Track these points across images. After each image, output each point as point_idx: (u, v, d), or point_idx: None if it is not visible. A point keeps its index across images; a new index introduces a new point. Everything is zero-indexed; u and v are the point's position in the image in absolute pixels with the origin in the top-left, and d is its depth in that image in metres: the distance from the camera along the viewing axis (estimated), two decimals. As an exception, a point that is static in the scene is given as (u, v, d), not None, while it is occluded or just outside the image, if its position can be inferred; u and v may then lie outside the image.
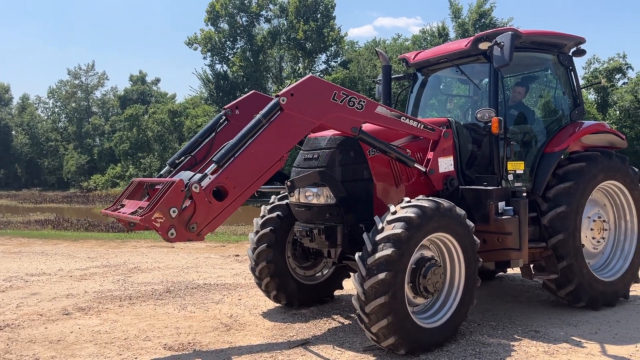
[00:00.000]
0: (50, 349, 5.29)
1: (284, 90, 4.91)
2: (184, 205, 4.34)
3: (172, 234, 4.30)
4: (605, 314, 6.17)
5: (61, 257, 11.26)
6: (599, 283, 6.25)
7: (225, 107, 5.83)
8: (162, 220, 4.25)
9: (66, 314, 6.57)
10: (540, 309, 6.42)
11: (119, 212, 4.85)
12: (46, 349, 5.31)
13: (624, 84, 36.89)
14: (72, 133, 66.28)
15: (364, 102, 5.25)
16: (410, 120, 5.64)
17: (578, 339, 5.31)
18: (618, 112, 34.41)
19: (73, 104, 68.17)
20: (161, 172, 5.52)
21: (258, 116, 4.78)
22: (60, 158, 64.37)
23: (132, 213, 4.55)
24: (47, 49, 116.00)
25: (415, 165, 5.62)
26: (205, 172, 4.58)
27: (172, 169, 5.47)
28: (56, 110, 71.81)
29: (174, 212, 4.27)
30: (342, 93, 5.13)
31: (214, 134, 5.64)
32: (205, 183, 4.46)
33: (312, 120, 5.03)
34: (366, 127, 5.47)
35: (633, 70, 37.83)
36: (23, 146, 67.07)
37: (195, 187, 4.37)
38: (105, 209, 5.17)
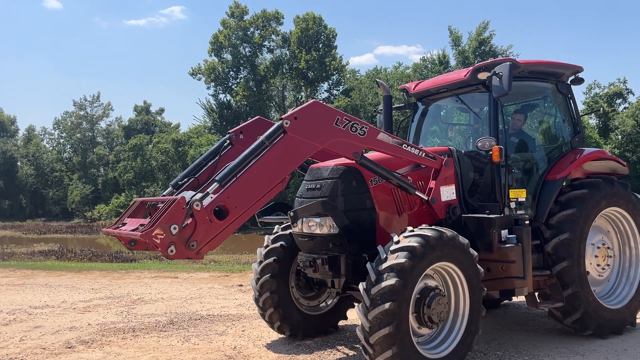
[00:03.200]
0: (53, 384, 5.25)
1: (288, 113, 4.97)
2: (185, 223, 4.33)
3: (171, 251, 4.28)
4: (613, 342, 6.10)
5: (65, 288, 11.23)
6: (605, 311, 6.20)
7: (230, 131, 5.91)
8: (162, 237, 4.23)
9: (69, 347, 6.53)
10: (546, 338, 6.35)
11: (120, 229, 4.85)
12: (49, 383, 5.27)
13: (624, 108, 37.10)
14: (77, 163, 66.70)
15: (366, 128, 5.31)
16: (412, 148, 5.69)
17: (586, 369, 5.25)
18: (620, 137, 34.51)
19: (78, 135, 68.80)
20: (164, 193, 5.56)
21: (261, 138, 4.83)
22: (64, 188, 64.64)
23: (133, 230, 4.55)
24: (53, 80, 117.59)
25: (416, 192, 5.65)
26: (207, 190, 4.60)
27: (175, 190, 5.51)
28: (61, 141, 72.50)
29: (174, 229, 4.26)
30: (345, 119, 5.19)
31: (217, 157, 5.69)
32: (206, 202, 4.47)
33: (315, 144, 5.07)
34: (369, 155, 5.52)
35: (634, 95, 38.15)
36: (28, 177, 67.43)
37: (197, 205, 4.37)
38: (107, 228, 5.17)
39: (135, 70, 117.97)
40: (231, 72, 44.72)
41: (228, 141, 5.87)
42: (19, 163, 70.21)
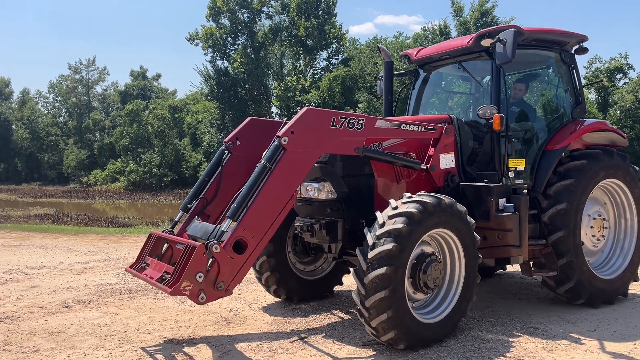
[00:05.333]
0: (51, 341, 5.30)
1: (284, 130, 4.85)
2: (208, 268, 4.43)
3: (202, 298, 4.41)
4: (604, 311, 6.19)
5: (61, 250, 11.27)
6: (598, 281, 6.26)
7: (226, 140, 5.81)
8: (190, 287, 4.36)
9: (66, 307, 6.58)
10: (539, 306, 6.43)
11: (146, 274, 4.96)
12: (46, 340, 5.32)
13: (624, 84, 36.86)
14: (73, 128, 66.23)
15: (362, 120, 5.25)
16: (411, 126, 5.65)
17: (577, 336, 5.33)
18: (619, 112, 34.37)
19: (73, 99, 68.10)
20: (175, 219, 5.57)
21: (263, 162, 4.77)
22: (60, 153, 64.33)
23: (160, 280, 4.65)
24: (48, 42, 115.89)
25: (421, 166, 5.67)
26: (222, 228, 4.64)
27: (185, 213, 5.54)
28: (56, 104, 71.77)
29: (200, 277, 4.36)
30: (341, 117, 5.12)
31: (220, 168, 5.66)
32: (224, 240, 4.52)
33: (316, 152, 5.04)
34: None
35: (634, 70, 37.81)
36: (23, 140, 67.00)
37: (216, 248, 4.43)
38: (130, 267, 5.28)
39: (132, 34, 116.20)
40: (229, 38, 44.02)
41: (226, 151, 5.80)
42: (13, 126, 69.63)
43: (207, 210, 5.54)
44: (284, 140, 4.79)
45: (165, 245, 5.23)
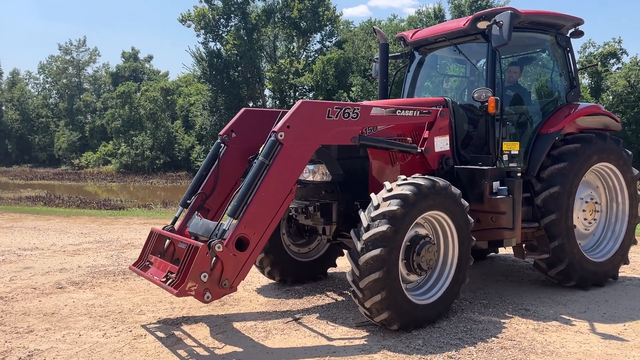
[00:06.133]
0: (45, 321, 5.31)
1: (279, 124, 4.82)
2: (212, 267, 4.45)
3: (207, 297, 4.44)
4: (594, 293, 6.27)
5: (54, 232, 11.24)
6: (589, 263, 6.33)
7: (221, 133, 5.76)
8: (195, 287, 4.39)
9: (60, 288, 6.58)
10: (530, 288, 6.50)
11: (151, 274, 4.97)
12: (40, 321, 5.32)
13: (617, 69, 36.91)
14: (63, 109, 65.60)
15: (358, 109, 5.23)
16: (407, 111, 5.64)
17: (567, 317, 5.40)
18: (611, 97, 34.46)
19: (64, 80, 67.38)
20: (176, 215, 5.56)
21: (260, 158, 4.75)
22: (51, 135, 63.78)
23: (165, 280, 4.69)
24: (38, 22, 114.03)
25: (417, 149, 5.68)
26: (223, 226, 4.66)
27: (184, 208, 5.53)
28: (47, 86, 71.06)
29: (204, 277, 4.39)
30: (336, 107, 5.09)
31: (217, 161, 5.64)
32: (226, 239, 4.52)
33: (313, 144, 5.04)
34: None
35: (628, 55, 37.78)
36: (13, 122, 66.30)
37: (219, 247, 4.45)
38: (134, 265, 5.28)
39: (123, 15, 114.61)
40: (222, 20, 43.49)
41: (222, 144, 5.75)
42: (3, 107, 68.86)
43: (207, 204, 5.53)
44: (281, 135, 4.77)
45: (167, 242, 5.24)
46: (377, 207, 4.75)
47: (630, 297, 6.18)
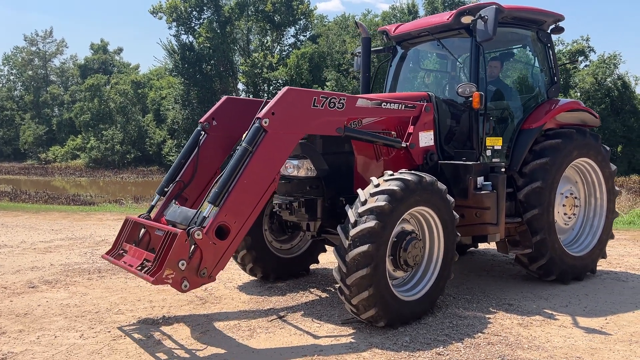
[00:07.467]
0: (17, 323, 5.08)
1: (264, 111, 4.70)
2: (190, 255, 4.30)
3: (185, 286, 4.30)
4: (574, 287, 6.34)
5: (22, 229, 10.85)
6: (569, 258, 6.40)
7: (201, 120, 5.60)
8: (173, 276, 4.23)
9: (32, 287, 6.33)
10: (512, 283, 6.54)
11: (124, 262, 4.77)
12: (13, 322, 5.10)
13: (585, 66, 37.72)
14: (29, 102, 63.74)
15: (344, 99, 5.15)
16: (392, 104, 5.58)
17: (550, 312, 5.44)
18: (579, 94, 35.22)
19: (30, 72, 65.50)
20: (152, 203, 5.38)
21: (243, 144, 4.62)
22: (16, 128, 61.93)
23: (140, 268, 4.50)
24: (2, 12, 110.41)
25: (402, 144, 5.62)
26: (203, 214, 4.50)
27: (161, 196, 5.35)
28: (11, 78, 68.90)
29: (182, 265, 4.24)
30: (322, 97, 5.00)
31: (197, 149, 5.47)
32: (205, 226, 4.37)
33: (298, 133, 4.93)
34: None
35: (595, 53, 38.68)
36: (-24, 115, 64.19)
37: (198, 235, 4.29)
38: (107, 254, 5.05)
39: (91, 6, 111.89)
40: (194, 12, 42.87)
41: (202, 132, 5.59)
42: (-34, 100, 66.58)
43: (185, 193, 5.36)
44: (265, 122, 4.65)
45: (142, 230, 5.03)
46: (364, 203, 4.68)
47: (609, 290, 6.27)
